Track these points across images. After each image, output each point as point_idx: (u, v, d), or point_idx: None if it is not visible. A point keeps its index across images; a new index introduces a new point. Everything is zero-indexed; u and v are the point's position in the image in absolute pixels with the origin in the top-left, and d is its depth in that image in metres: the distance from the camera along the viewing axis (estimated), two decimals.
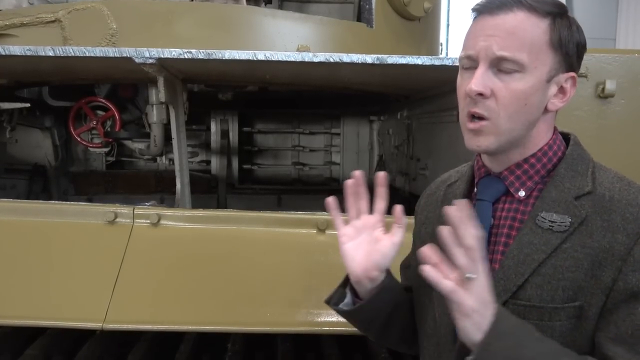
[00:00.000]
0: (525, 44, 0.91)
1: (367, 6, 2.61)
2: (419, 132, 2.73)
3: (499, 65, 0.92)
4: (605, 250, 0.90)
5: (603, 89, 1.76)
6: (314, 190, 3.81)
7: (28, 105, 2.71)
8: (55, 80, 2.67)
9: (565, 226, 0.93)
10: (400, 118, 3.03)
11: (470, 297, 0.84)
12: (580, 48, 0.96)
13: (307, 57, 1.74)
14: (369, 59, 1.75)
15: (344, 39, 2.45)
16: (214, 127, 3.72)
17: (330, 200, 1.05)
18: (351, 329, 1.52)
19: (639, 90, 1.79)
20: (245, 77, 2.35)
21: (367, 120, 3.91)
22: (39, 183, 3.41)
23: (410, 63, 1.72)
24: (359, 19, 2.84)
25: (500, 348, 0.84)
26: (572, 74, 0.96)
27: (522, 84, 0.92)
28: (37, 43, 1.83)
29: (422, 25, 2.91)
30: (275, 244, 1.70)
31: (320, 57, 1.75)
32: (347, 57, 1.75)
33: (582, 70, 1.76)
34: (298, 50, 2.10)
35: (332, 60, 1.74)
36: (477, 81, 0.92)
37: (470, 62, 0.96)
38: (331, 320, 1.52)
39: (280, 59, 1.73)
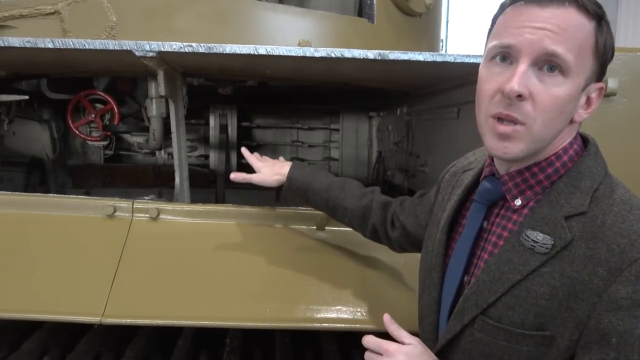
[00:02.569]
0: (576, 44, 0.82)
1: (369, 1, 2.60)
2: (419, 129, 2.73)
3: (542, 64, 0.84)
4: (584, 282, 0.83)
5: (605, 87, 1.75)
6: None
7: (26, 97, 2.69)
8: (54, 73, 2.66)
9: (547, 248, 0.87)
10: (399, 114, 3.03)
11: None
12: (612, 55, 0.89)
13: (309, 52, 1.74)
14: (371, 54, 1.74)
15: (345, 34, 2.44)
16: (212, 121, 3.71)
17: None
18: (350, 325, 1.52)
19: None
20: (246, 72, 2.34)
21: (366, 116, 3.90)
22: (37, 176, 3.39)
23: (412, 59, 1.71)
24: (360, 14, 2.83)
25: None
26: (601, 84, 0.89)
27: (563, 89, 0.84)
28: (36, 35, 1.81)
29: (423, 21, 2.90)
30: (274, 240, 1.70)
31: (322, 52, 1.74)
32: (348, 53, 1.74)
33: None
34: (299, 45, 2.09)
35: (333, 55, 1.73)
36: (520, 80, 0.83)
37: (504, 51, 0.86)
38: (330, 316, 1.52)
39: (281, 53, 1.72)
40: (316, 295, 1.56)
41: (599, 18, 0.84)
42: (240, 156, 3.77)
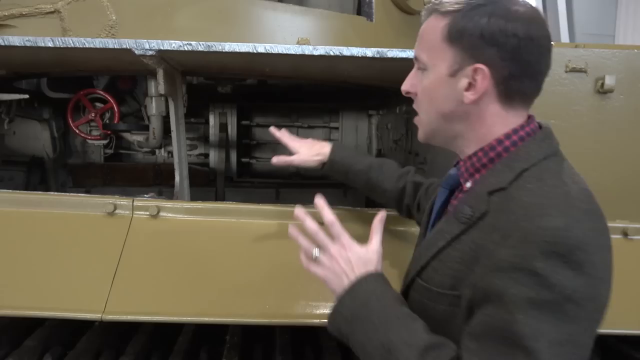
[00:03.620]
0: (427, 44, 1.00)
1: (367, 0, 2.61)
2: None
3: (419, 67, 1.03)
4: (484, 247, 0.90)
5: (602, 84, 1.76)
6: (312, 184, 3.81)
7: (26, 96, 2.70)
8: (54, 72, 2.66)
9: (466, 218, 0.97)
10: (399, 112, 3.03)
11: (321, 269, 1.10)
12: (491, 36, 0.92)
13: (307, 50, 1.74)
14: (369, 52, 1.75)
15: (344, 32, 2.44)
16: (212, 120, 3.71)
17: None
18: None
19: (638, 85, 1.79)
20: (245, 70, 2.34)
21: (365, 115, 3.90)
22: (37, 175, 3.40)
23: (411, 57, 1.71)
24: (359, 13, 2.83)
25: (349, 303, 1.02)
26: (478, 65, 0.93)
27: (426, 80, 1.01)
28: (37, 34, 1.82)
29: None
30: (274, 237, 1.70)
31: (320, 50, 1.75)
32: (347, 51, 1.74)
33: (581, 65, 1.77)
34: (298, 43, 2.10)
35: (332, 53, 1.74)
36: (405, 82, 1.07)
37: None
38: (329, 312, 1.53)
39: (280, 51, 1.73)
40: (316, 291, 1.57)
41: (456, 12, 0.95)
42: (240, 155, 3.80)
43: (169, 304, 1.51)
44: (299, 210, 1.15)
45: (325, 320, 1.52)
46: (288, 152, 1.70)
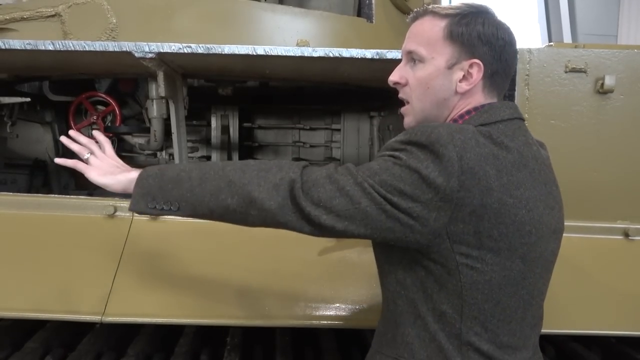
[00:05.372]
0: (424, 39, 1.13)
1: (367, 1, 2.61)
2: None
3: (412, 60, 1.15)
4: None
5: (602, 84, 1.76)
6: None
7: (28, 100, 2.71)
8: (56, 75, 2.67)
9: None
10: (400, 114, 3.03)
11: (91, 169, 1.28)
12: (486, 38, 1.10)
13: (307, 51, 1.75)
14: (369, 53, 1.75)
15: (344, 33, 2.45)
16: (214, 122, 3.71)
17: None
18: (349, 323, 1.53)
19: (638, 85, 1.79)
20: (245, 72, 2.35)
21: (367, 116, 3.90)
22: (40, 178, 3.40)
23: None
24: (359, 14, 2.84)
25: (163, 168, 1.18)
26: (475, 60, 1.10)
27: (423, 71, 1.13)
28: (37, 37, 1.83)
29: None
30: (275, 239, 1.70)
31: (320, 51, 1.75)
32: (346, 52, 1.75)
33: (581, 65, 1.77)
34: (297, 44, 2.10)
35: (331, 55, 1.75)
36: (393, 73, 1.19)
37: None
38: (329, 314, 1.53)
39: (279, 53, 1.73)
40: (316, 293, 1.57)
41: (451, 16, 1.11)
42: (242, 157, 3.79)
43: (169, 305, 1.51)
44: (67, 137, 1.32)
45: (325, 322, 1.54)
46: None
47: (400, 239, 1.01)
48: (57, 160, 1.32)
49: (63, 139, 1.33)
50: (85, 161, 1.29)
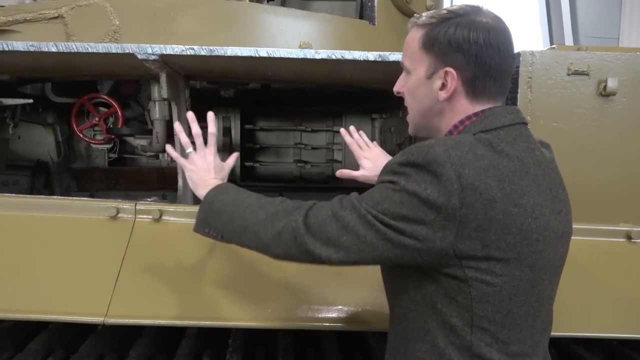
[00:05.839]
0: (409, 51, 1.16)
1: (370, 3, 2.61)
2: None
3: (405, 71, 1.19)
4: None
5: (605, 87, 1.76)
6: (315, 188, 3.81)
7: (31, 101, 2.72)
8: (58, 77, 2.68)
9: None
10: (402, 116, 3.03)
11: (189, 164, 1.36)
12: (457, 43, 1.07)
13: (309, 53, 1.75)
14: (371, 56, 1.76)
15: (346, 36, 2.45)
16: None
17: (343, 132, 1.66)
18: (351, 325, 1.53)
19: None
20: (248, 74, 2.35)
21: (369, 118, 3.90)
22: (42, 179, 3.41)
23: None
24: (361, 16, 2.84)
25: (218, 194, 1.25)
26: (447, 68, 1.09)
27: (410, 82, 1.17)
28: (40, 39, 1.84)
29: None
30: None
31: (322, 54, 1.75)
32: (349, 54, 1.75)
33: (583, 68, 1.77)
34: (300, 47, 2.10)
35: (334, 57, 1.75)
36: (396, 83, 1.22)
37: None
38: (332, 316, 1.53)
39: (282, 55, 1.74)
40: (318, 295, 1.57)
41: (431, 25, 1.10)
42: (244, 158, 3.80)
43: (172, 307, 1.51)
44: (179, 125, 1.45)
45: (327, 325, 1.53)
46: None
47: (410, 262, 1.02)
48: (167, 148, 1.45)
49: (177, 125, 1.44)
50: (187, 155, 1.38)
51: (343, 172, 1.59)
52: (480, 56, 1.07)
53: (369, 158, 1.60)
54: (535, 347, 1.10)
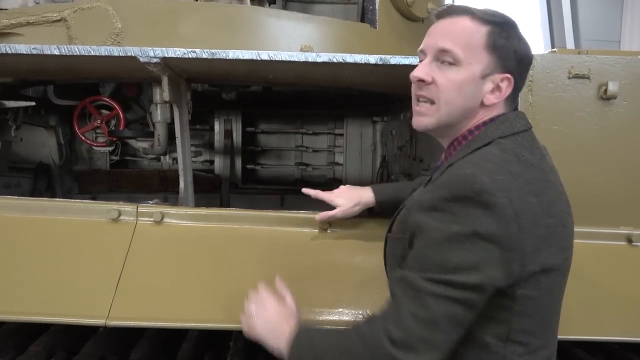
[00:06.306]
0: (462, 41, 1.07)
1: (371, 7, 2.62)
2: (422, 133, 2.73)
3: (441, 58, 1.09)
4: (416, 199, 1.13)
5: (605, 90, 1.76)
6: None
7: (33, 103, 2.73)
8: (60, 79, 2.69)
9: (426, 182, 1.19)
10: (403, 119, 3.04)
11: (255, 325, 1.30)
12: (520, 56, 1.10)
13: (311, 57, 1.75)
14: (372, 59, 1.76)
15: (348, 39, 2.45)
16: (217, 126, 3.73)
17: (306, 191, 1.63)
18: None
19: None
20: (249, 77, 2.36)
21: (370, 121, 3.91)
22: (44, 181, 3.41)
23: (414, 64, 1.72)
24: (362, 20, 2.85)
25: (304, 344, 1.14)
26: (508, 75, 1.09)
27: (457, 75, 1.08)
28: (43, 42, 1.84)
29: (425, 26, 2.90)
30: (278, 243, 1.71)
31: (324, 57, 1.76)
32: (350, 58, 1.75)
33: (584, 71, 1.77)
34: (301, 50, 2.11)
35: (335, 60, 1.75)
36: (419, 69, 1.12)
37: (422, 56, 1.14)
38: (333, 318, 1.53)
39: (283, 58, 1.74)
40: (319, 297, 1.57)
41: (493, 24, 1.08)
42: (245, 161, 3.81)
43: (173, 309, 1.51)
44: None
45: (328, 327, 1.53)
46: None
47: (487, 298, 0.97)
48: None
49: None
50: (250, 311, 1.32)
51: (322, 216, 1.64)
52: (526, 71, 1.14)
53: (340, 195, 1.63)
54: (553, 342, 1.13)
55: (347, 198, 1.61)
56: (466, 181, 0.95)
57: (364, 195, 1.62)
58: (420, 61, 1.15)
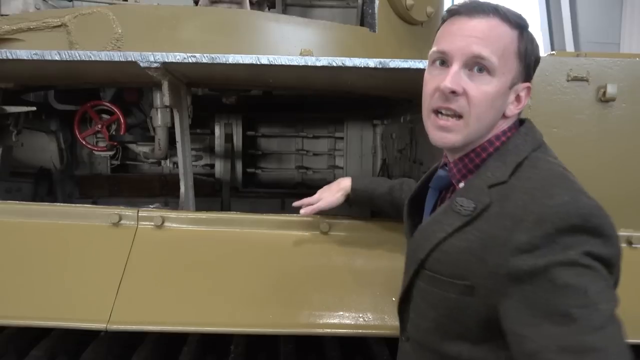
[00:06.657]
0: (499, 48, 0.96)
1: (370, 11, 2.63)
2: (422, 136, 2.74)
3: (472, 66, 0.98)
4: (494, 236, 0.93)
5: (604, 92, 1.77)
6: None
7: (34, 109, 2.73)
8: (61, 84, 2.69)
9: (470, 210, 0.98)
10: (403, 122, 3.04)
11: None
12: (537, 62, 1.04)
13: (310, 61, 1.76)
14: (372, 63, 1.76)
15: (347, 43, 2.46)
16: (218, 131, 3.74)
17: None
18: (353, 331, 1.53)
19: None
20: (249, 81, 2.36)
21: (370, 125, 3.92)
22: (45, 186, 3.42)
23: (413, 67, 1.74)
24: (362, 24, 2.85)
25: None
26: (529, 84, 1.03)
27: (490, 86, 0.97)
28: (44, 47, 1.85)
29: (424, 30, 2.92)
30: (278, 246, 1.71)
31: (323, 61, 1.76)
32: (349, 61, 1.76)
33: (582, 74, 1.78)
34: (301, 54, 2.12)
35: (334, 64, 1.76)
36: (452, 79, 0.97)
37: (441, 56, 1.01)
38: (333, 322, 1.53)
39: (283, 63, 1.75)
40: (320, 300, 1.57)
41: (521, 28, 0.99)
42: (246, 165, 3.81)
43: (174, 313, 1.52)
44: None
45: (329, 330, 1.54)
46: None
47: None
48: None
49: None
50: None
51: (307, 210, 1.64)
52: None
53: (323, 191, 1.70)
54: None
55: (328, 190, 1.70)
56: (570, 210, 0.86)
57: (342, 182, 1.70)
58: (433, 62, 1.04)
